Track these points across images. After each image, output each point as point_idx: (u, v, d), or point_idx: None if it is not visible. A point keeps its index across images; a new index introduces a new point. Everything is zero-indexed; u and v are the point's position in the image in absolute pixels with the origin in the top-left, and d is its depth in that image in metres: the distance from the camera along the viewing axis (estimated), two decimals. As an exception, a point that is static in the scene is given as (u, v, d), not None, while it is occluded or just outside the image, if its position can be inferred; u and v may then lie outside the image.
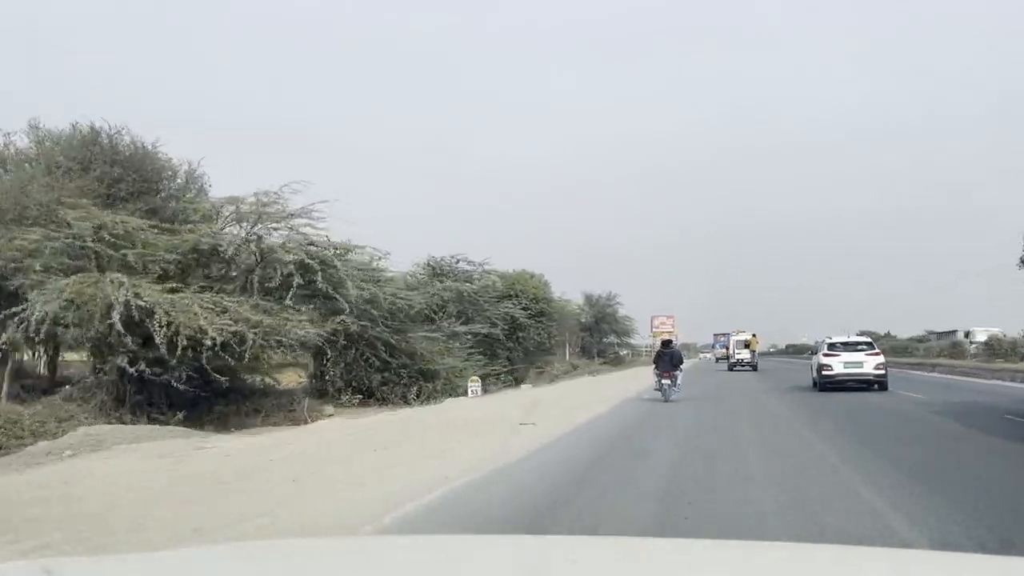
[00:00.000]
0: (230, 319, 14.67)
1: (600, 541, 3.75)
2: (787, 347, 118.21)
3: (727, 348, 53.47)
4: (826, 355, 24.18)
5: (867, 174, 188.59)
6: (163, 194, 21.87)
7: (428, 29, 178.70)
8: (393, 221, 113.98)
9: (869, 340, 26.69)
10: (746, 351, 47.24)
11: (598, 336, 58.28)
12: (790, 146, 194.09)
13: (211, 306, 14.76)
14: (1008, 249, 19.38)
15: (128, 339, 13.97)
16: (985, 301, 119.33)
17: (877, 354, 23.97)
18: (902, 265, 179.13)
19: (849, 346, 24.49)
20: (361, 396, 21.19)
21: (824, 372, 23.78)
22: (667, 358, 20.11)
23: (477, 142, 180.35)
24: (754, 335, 49.34)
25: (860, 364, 23.46)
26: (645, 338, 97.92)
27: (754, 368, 45.27)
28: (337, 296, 18.03)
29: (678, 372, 20.01)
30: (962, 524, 5.82)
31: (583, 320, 56.63)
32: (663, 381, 19.62)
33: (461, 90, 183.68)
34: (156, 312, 14.09)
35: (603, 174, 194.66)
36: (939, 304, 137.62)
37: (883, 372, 23.42)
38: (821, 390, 23.67)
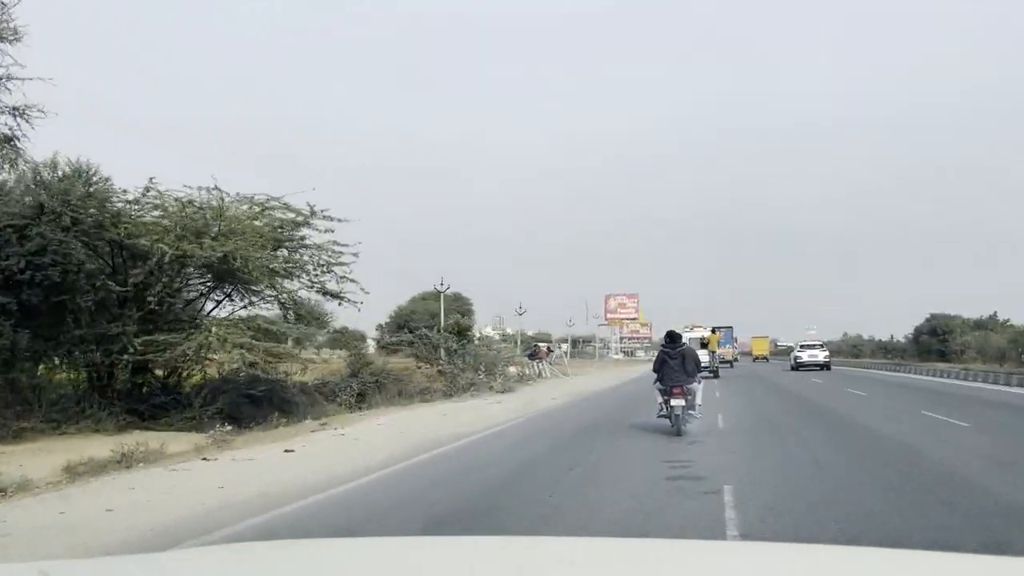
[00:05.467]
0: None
1: (598, 542, 3.73)
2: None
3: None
4: (799, 351, 50.10)
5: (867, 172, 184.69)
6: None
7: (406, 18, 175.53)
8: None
9: (822, 343, 53.31)
10: (703, 352, 35.60)
11: None
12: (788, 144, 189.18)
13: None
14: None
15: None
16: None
17: (825, 350, 49.58)
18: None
19: (811, 346, 50.56)
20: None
21: (797, 360, 48.75)
22: (677, 363, 12.78)
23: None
24: (714, 330, 41.58)
25: (816, 356, 48.14)
26: (592, 327, 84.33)
27: (714, 374, 37.08)
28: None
29: (696, 384, 13.05)
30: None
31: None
32: (673, 402, 12.53)
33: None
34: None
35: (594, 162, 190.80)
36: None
37: (828, 360, 48.04)
38: (794, 370, 46.25)
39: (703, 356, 36.57)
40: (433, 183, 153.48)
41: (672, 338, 13.78)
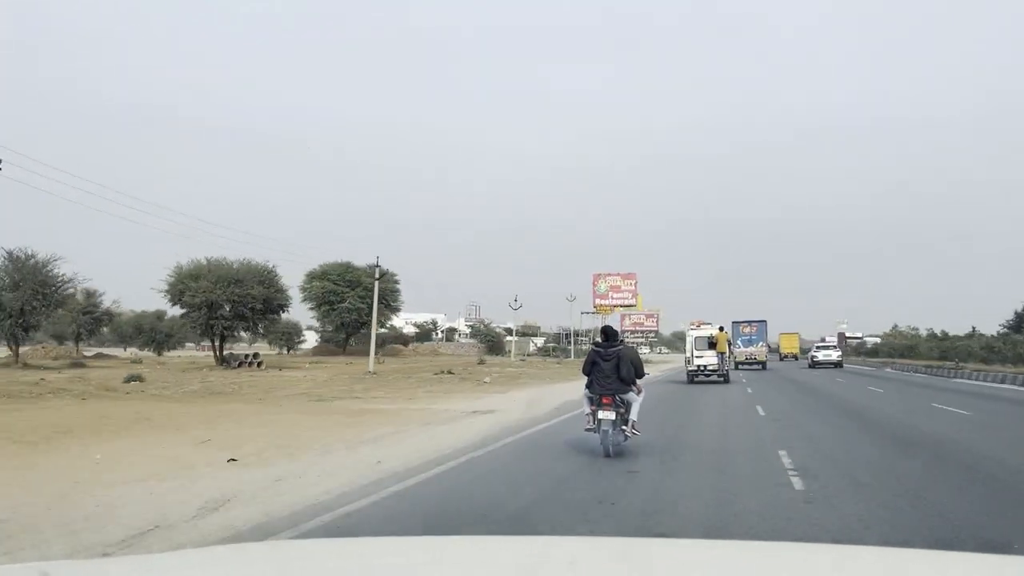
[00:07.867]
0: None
1: (599, 542, 3.73)
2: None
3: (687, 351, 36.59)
4: (815, 351, 58.90)
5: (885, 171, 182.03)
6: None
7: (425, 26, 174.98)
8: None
9: (835, 344, 66.88)
10: (711, 353, 34.05)
11: None
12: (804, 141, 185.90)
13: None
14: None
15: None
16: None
17: (839, 351, 59.84)
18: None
19: (826, 347, 59.64)
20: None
21: (813, 359, 56.89)
22: (610, 366, 10.89)
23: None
24: (721, 328, 36.31)
25: (830, 355, 56.14)
26: (573, 318, 74.32)
27: (724, 379, 33.92)
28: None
29: (633, 393, 11.04)
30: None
31: None
32: (600, 414, 10.65)
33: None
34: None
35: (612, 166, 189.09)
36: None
37: (840, 359, 56.87)
38: (811, 368, 53.33)
39: (711, 358, 33.85)
40: (433, 182, 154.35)
41: (607, 335, 11.49)
